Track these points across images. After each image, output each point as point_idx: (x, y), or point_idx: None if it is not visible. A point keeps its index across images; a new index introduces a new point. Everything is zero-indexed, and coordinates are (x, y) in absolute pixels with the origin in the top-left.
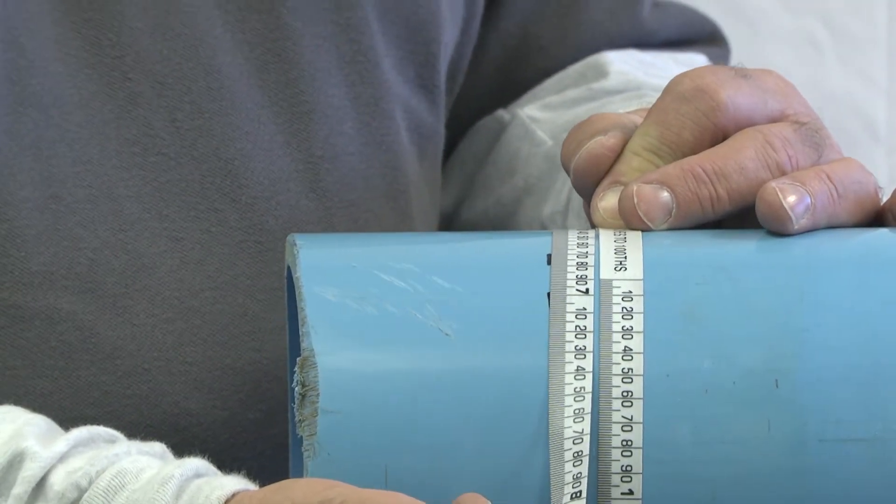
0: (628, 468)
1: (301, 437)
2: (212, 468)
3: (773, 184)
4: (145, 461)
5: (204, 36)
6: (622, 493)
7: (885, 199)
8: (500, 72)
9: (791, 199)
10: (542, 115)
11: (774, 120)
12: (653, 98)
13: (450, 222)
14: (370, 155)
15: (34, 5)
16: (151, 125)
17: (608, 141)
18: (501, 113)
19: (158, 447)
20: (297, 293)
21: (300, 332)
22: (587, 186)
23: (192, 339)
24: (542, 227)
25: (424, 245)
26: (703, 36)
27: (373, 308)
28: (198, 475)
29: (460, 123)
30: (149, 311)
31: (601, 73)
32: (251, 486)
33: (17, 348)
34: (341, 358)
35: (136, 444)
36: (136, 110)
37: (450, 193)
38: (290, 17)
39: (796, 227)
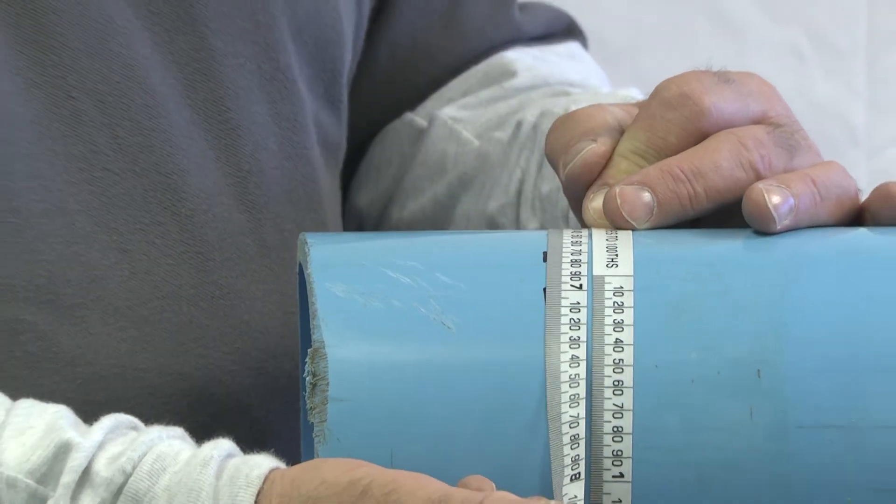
0: (619, 453)
1: (312, 424)
2: (237, 448)
3: (760, 185)
4: (178, 444)
5: (137, 56)
6: (613, 476)
7: (863, 200)
8: (392, 79)
9: (776, 199)
10: (462, 115)
11: (756, 121)
12: (575, 91)
13: (378, 223)
14: (292, 169)
15: None
16: (95, 142)
17: (600, 149)
18: (412, 117)
19: (180, 431)
20: (308, 289)
21: (311, 325)
22: (579, 191)
23: (145, 346)
24: (489, 219)
25: (428, 243)
26: (564, 28)
27: (379, 303)
28: (230, 455)
29: (358, 130)
30: (103, 320)
31: (508, 72)
32: (282, 465)
33: None
34: (350, 349)
35: (163, 429)
36: (81, 128)
37: (371, 196)
38: (213, 37)
39: (780, 226)
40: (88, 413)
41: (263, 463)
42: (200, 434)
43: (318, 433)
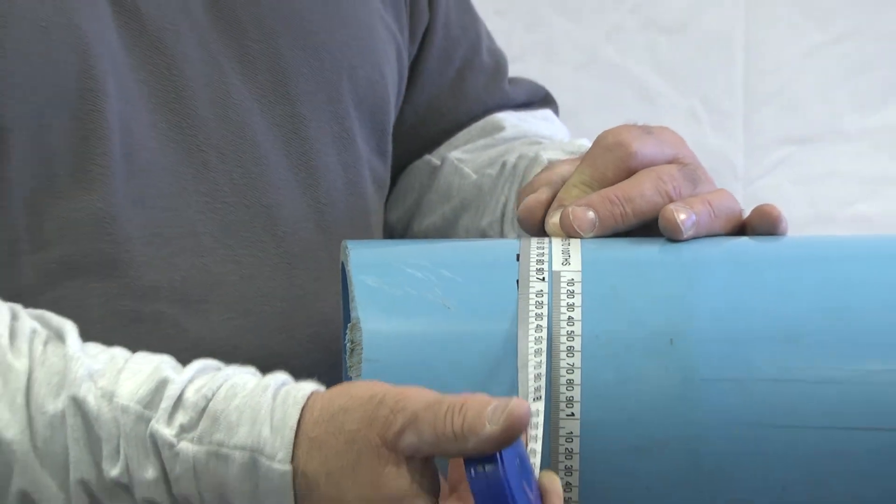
0: (571, 399)
1: (350, 377)
2: (291, 379)
3: (671, 206)
4: (248, 377)
5: (248, 121)
6: (566, 415)
7: (745, 217)
8: (416, 132)
9: (682, 216)
10: (465, 157)
11: (669, 161)
12: (546, 142)
13: (404, 232)
14: (353, 202)
15: (138, 100)
16: (217, 182)
17: (541, 196)
18: (429, 158)
19: (251, 369)
20: (348, 281)
21: (350, 307)
22: (528, 226)
23: (248, 332)
24: (482, 233)
25: (435, 248)
26: (541, 97)
27: (399, 291)
28: (285, 383)
29: (392, 167)
30: (220, 313)
31: (499, 127)
32: (322, 388)
33: (134, 340)
34: (378, 324)
35: (239, 367)
36: (207, 173)
37: (399, 214)
38: (301, 107)
39: (685, 236)
40: None
41: (307, 387)
42: None
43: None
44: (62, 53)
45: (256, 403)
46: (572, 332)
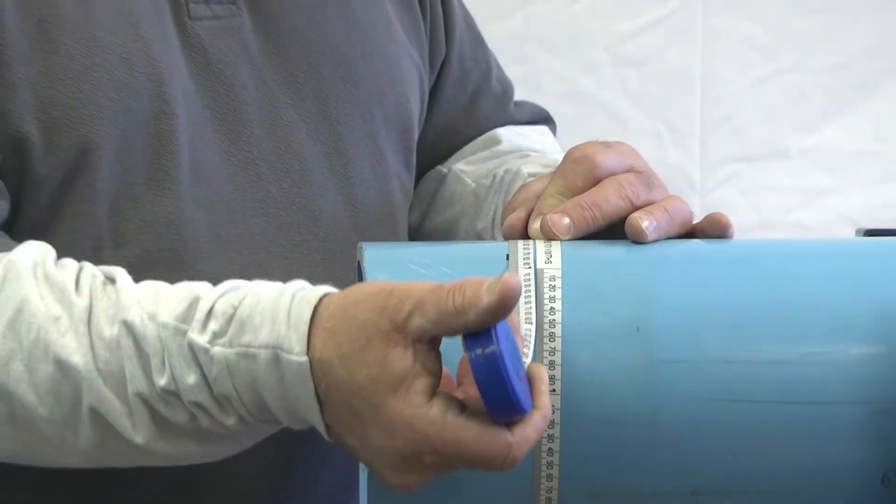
0: (553, 377)
1: None
2: (309, 285)
3: (635, 214)
4: (270, 286)
5: (295, 138)
6: (549, 391)
7: (697, 221)
8: (432, 147)
9: (645, 223)
10: (467, 168)
11: (627, 171)
12: (532, 155)
13: (416, 232)
14: (383, 207)
15: (202, 121)
16: (269, 191)
17: (520, 214)
18: (440, 168)
19: (278, 283)
20: (362, 276)
21: None
22: (509, 235)
23: None
24: (478, 235)
25: (435, 250)
26: (543, 117)
27: None
28: (302, 288)
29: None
30: None
31: (497, 141)
32: (335, 290)
33: None
34: None
35: (264, 282)
36: (260, 182)
37: (416, 215)
38: (340, 127)
39: (648, 239)
40: None
41: (322, 288)
42: None
43: None
44: (141, 82)
45: (276, 306)
46: (554, 320)
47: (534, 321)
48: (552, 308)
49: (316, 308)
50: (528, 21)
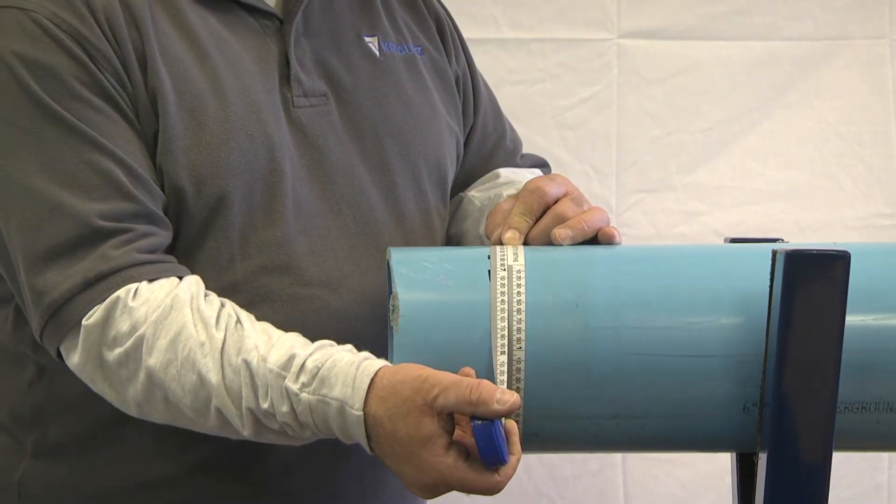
0: (520, 339)
1: (391, 327)
2: (372, 355)
3: (556, 229)
4: (345, 353)
5: (364, 186)
6: (517, 348)
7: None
8: (459, 183)
9: (562, 233)
10: (476, 195)
11: (564, 195)
12: (517, 185)
13: (444, 235)
14: (424, 231)
15: (302, 175)
16: (346, 221)
17: (502, 234)
18: (461, 194)
19: (350, 346)
20: (391, 270)
21: (392, 285)
22: (493, 243)
23: (362, 305)
24: (481, 238)
25: (440, 251)
26: (540, 164)
27: (419, 276)
28: (367, 358)
29: None
30: (348, 294)
31: (497, 176)
32: (390, 364)
33: (299, 311)
34: (408, 295)
35: (341, 347)
36: (340, 215)
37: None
38: (395, 176)
39: (565, 244)
40: (340, 331)
41: (378, 363)
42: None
43: (393, 333)
44: (260, 150)
45: (347, 372)
46: (520, 300)
47: (506, 350)
48: (518, 292)
49: (373, 379)
50: (501, 99)
